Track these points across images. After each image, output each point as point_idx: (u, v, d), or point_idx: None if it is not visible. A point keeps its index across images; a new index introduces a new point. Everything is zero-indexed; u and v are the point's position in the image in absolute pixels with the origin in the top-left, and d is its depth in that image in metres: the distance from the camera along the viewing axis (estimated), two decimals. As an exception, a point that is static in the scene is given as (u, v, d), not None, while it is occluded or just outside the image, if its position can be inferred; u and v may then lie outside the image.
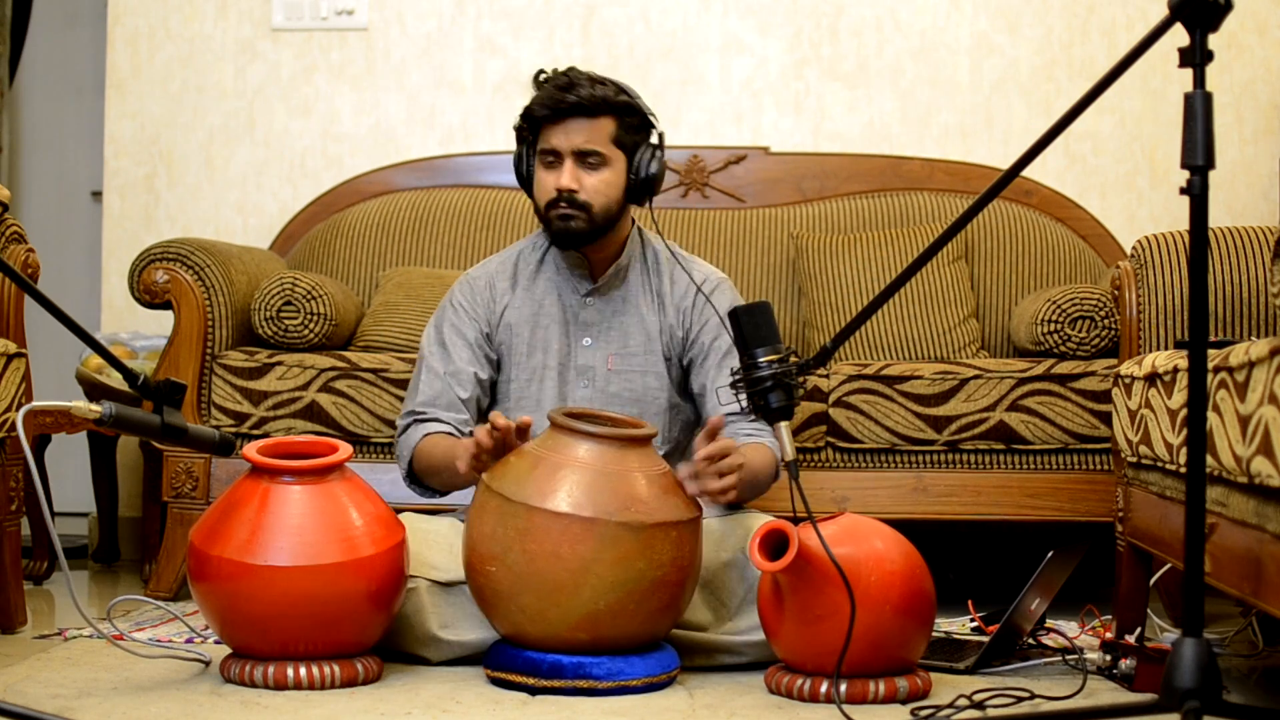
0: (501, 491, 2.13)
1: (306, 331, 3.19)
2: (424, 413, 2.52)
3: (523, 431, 2.22)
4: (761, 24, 3.96)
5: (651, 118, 2.54)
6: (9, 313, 2.72)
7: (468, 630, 2.32)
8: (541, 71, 2.54)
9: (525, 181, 2.56)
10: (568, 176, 2.47)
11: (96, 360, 3.42)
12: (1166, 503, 2.31)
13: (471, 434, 2.24)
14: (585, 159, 2.48)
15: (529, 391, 2.56)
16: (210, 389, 3.12)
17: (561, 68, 2.54)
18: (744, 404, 2.15)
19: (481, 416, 2.58)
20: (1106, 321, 3.08)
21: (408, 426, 2.54)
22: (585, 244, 2.53)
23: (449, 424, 2.50)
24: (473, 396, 2.54)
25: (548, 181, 2.50)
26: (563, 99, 2.46)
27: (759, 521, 2.38)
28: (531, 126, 2.51)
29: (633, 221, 2.63)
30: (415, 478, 2.54)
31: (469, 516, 2.21)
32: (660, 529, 2.11)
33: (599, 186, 2.48)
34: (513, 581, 2.11)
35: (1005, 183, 1.89)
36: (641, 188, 2.52)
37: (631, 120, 2.51)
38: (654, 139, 2.55)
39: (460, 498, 2.71)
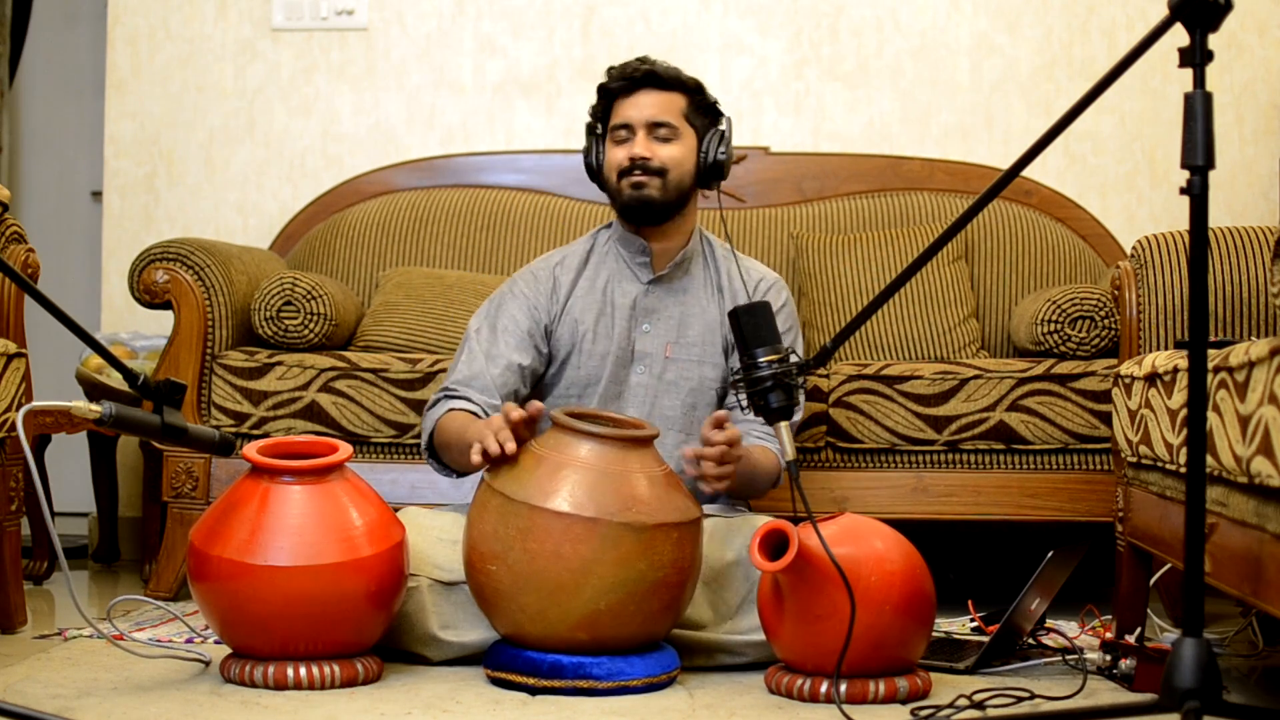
0: (503, 491, 2.13)
1: (306, 331, 3.19)
2: (456, 390, 2.54)
3: (531, 422, 2.23)
4: (761, 24, 3.96)
5: (719, 105, 2.64)
6: (9, 313, 2.72)
7: (468, 630, 2.32)
8: (611, 67, 2.63)
9: (596, 172, 2.61)
10: (641, 145, 2.54)
11: (96, 360, 3.42)
12: (1166, 503, 2.31)
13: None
14: (657, 131, 2.55)
15: (597, 376, 2.59)
16: (210, 389, 3.12)
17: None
18: (744, 404, 2.15)
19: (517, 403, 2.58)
20: (1106, 321, 3.08)
21: (437, 401, 2.55)
22: (659, 218, 2.58)
23: (478, 404, 2.51)
24: (510, 383, 2.56)
25: (618, 154, 2.56)
26: (635, 69, 2.57)
27: (761, 521, 2.38)
28: (604, 108, 2.59)
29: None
30: (434, 452, 2.55)
31: (470, 515, 2.21)
32: (661, 530, 2.11)
33: (674, 156, 2.56)
34: (513, 581, 2.11)
35: (1005, 183, 1.89)
36: (710, 171, 2.59)
37: (701, 101, 2.61)
38: (723, 126, 2.61)
39: (461, 497, 2.71)
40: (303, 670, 2.11)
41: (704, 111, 2.61)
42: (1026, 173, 3.22)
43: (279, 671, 2.11)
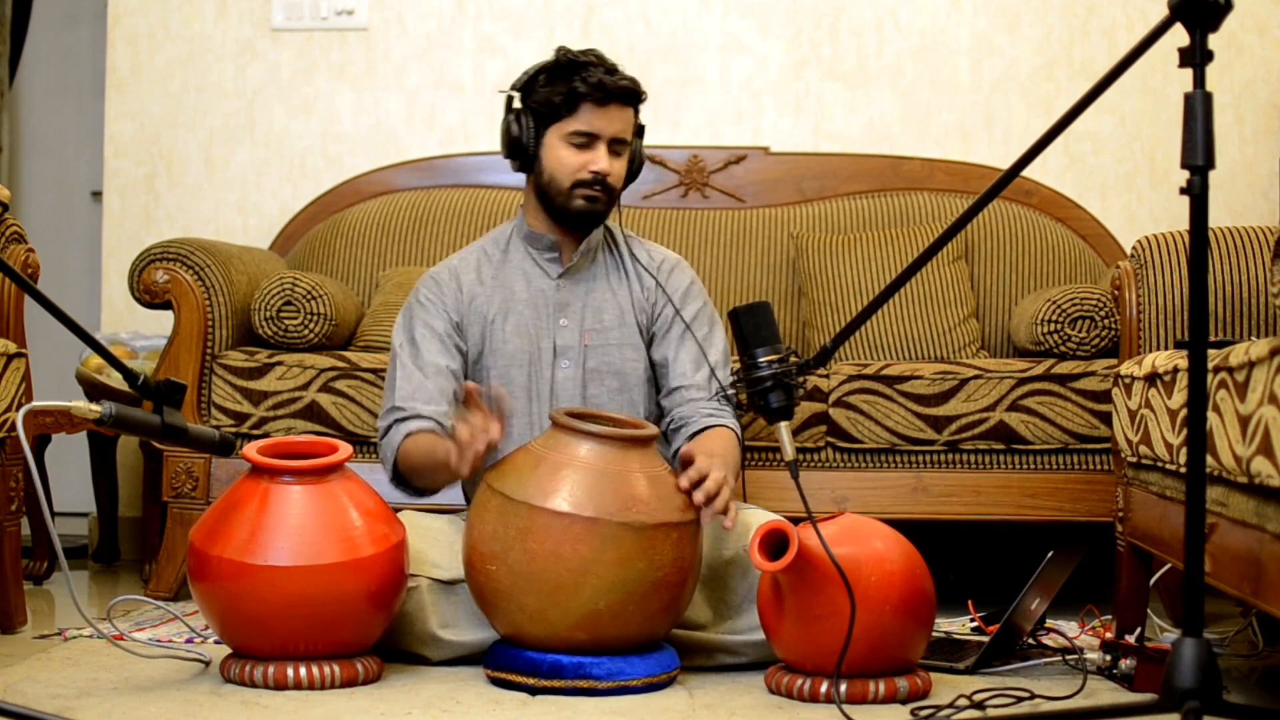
0: (503, 490, 2.13)
1: (306, 331, 3.19)
2: (404, 410, 2.47)
3: (497, 402, 2.19)
4: (761, 24, 3.96)
5: None
6: (9, 313, 2.72)
7: (468, 630, 2.32)
8: (565, 50, 2.53)
9: (526, 155, 2.53)
10: (605, 161, 2.51)
11: (96, 360, 3.42)
12: (1166, 503, 2.31)
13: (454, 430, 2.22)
14: (614, 146, 2.53)
15: (509, 376, 2.54)
16: (210, 389, 3.12)
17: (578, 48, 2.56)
18: (744, 404, 2.15)
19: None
20: (1106, 321, 3.08)
21: (389, 428, 2.49)
22: (595, 226, 2.57)
23: (429, 418, 2.46)
24: (446, 388, 2.51)
25: (576, 161, 2.51)
26: (614, 83, 2.50)
27: (760, 520, 2.38)
28: (568, 105, 2.49)
29: None
30: (401, 479, 2.50)
31: (469, 515, 2.21)
32: (661, 529, 2.11)
33: (619, 173, 2.56)
34: (513, 581, 2.11)
35: (1005, 183, 1.89)
36: (633, 176, 2.61)
37: (639, 111, 2.59)
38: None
39: (460, 498, 2.71)
40: (303, 670, 2.11)
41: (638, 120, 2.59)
42: (1026, 173, 3.22)
43: (279, 671, 2.11)
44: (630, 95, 2.52)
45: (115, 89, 4.04)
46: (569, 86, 2.49)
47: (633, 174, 2.60)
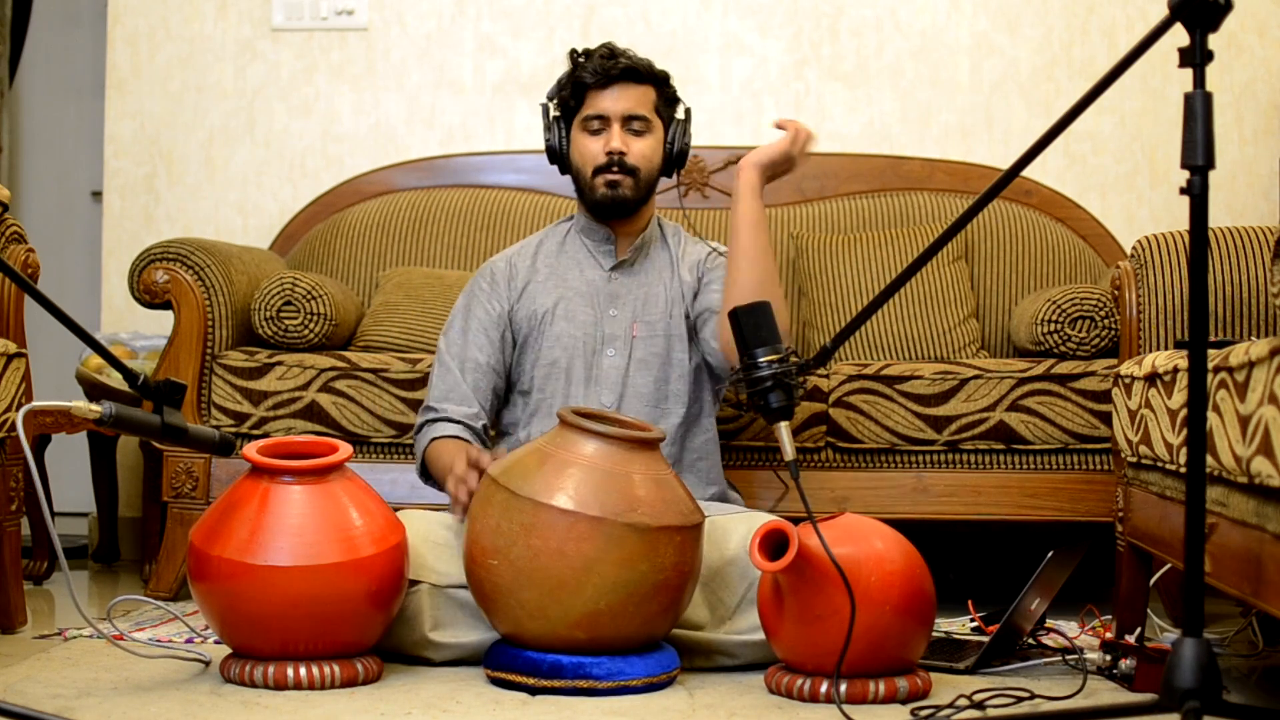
0: (508, 485, 2.13)
1: (306, 331, 3.19)
2: (437, 410, 2.60)
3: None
4: (761, 24, 3.96)
5: (678, 94, 2.70)
6: (9, 313, 2.72)
7: (465, 632, 2.32)
8: (575, 50, 2.65)
9: (561, 157, 2.65)
10: (618, 139, 2.59)
11: (96, 360, 3.42)
12: (1166, 503, 2.31)
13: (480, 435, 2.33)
14: (631, 124, 2.61)
15: (559, 363, 2.63)
16: (210, 389, 3.12)
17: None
18: (744, 404, 2.16)
19: (500, 401, 2.67)
20: (1106, 321, 3.08)
21: (422, 425, 2.62)
22: (629, 213, 2.64)
23: (459, 419, 2.58)
24: (484, 385, 2.63)
25: (594, 147, 2.61)
26: (613, 65, 2.60)
27: (759, 520, 2.38)
28: (575, 96, 2.62)
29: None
30: (428, 476, 2.63)
31: (472, 510, 2.20)
32: (664, 532, 2.11)
33: (645, 152, 2.62)
34: (514, 577, 2.11)
35: (1005, 183, 1.89)
36: (676, 159, 2.67)
37: (668, 92, 2.67)
38: (681, 114, 2.69)
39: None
40: (303, 670, 2.11)
41: (670, 102, 2.67)
42: (1026, 173, 3.22)
43: (279, 671, 2.11)
44: (632, 73, 2.61)
45: (115, 89, 4.04)
46: (574, 78, 2.61)
47: (676, 157, 2.66)
